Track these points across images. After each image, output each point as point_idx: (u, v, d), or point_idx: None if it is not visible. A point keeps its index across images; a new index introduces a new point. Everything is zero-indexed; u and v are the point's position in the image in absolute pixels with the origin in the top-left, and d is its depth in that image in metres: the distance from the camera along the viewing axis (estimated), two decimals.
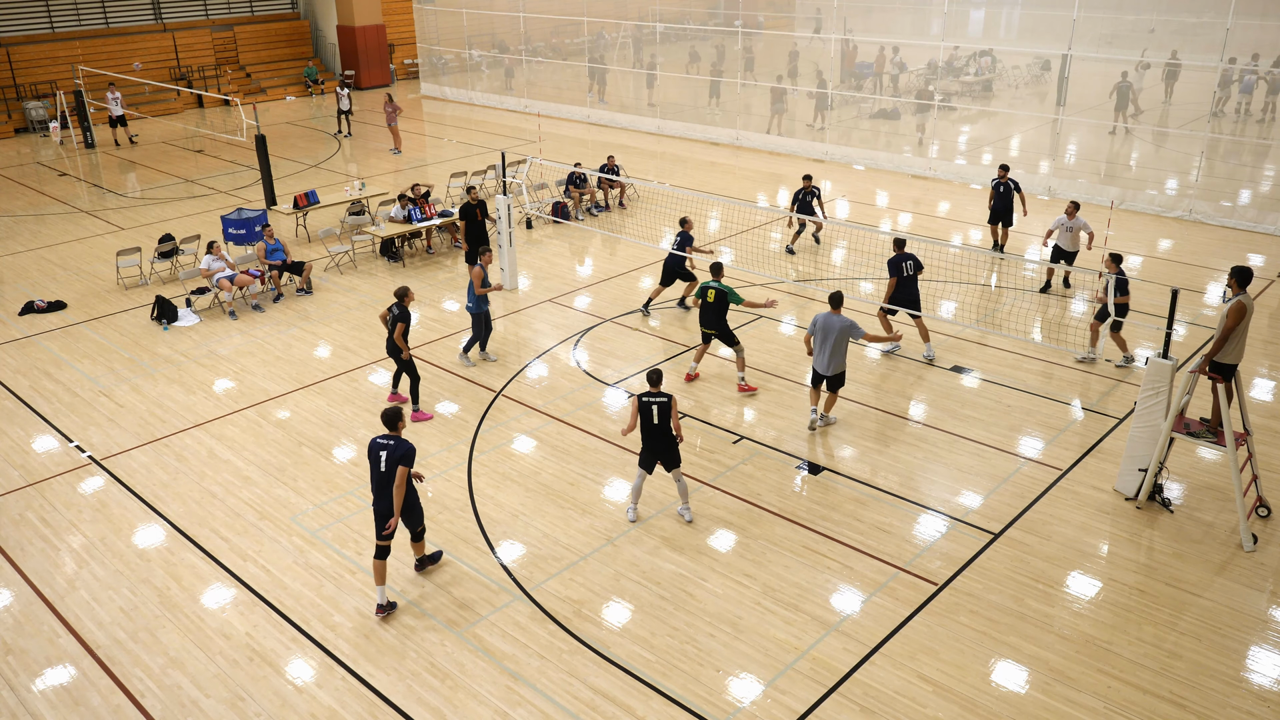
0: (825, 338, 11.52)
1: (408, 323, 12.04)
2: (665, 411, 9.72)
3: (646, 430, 9.82)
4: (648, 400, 9.77)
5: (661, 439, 9.83)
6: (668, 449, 9.90)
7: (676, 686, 8.12)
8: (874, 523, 10.24)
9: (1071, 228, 15.25)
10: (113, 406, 12.96)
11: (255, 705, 8.00)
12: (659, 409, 9.72)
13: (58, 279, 17.62)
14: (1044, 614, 8.90)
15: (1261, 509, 10.29)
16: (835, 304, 11.59)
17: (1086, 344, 13.89)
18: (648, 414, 9.76)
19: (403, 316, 12.00)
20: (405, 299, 12.02)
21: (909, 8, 36.57)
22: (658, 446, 9.88)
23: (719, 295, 12.73)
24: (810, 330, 11.72)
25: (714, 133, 28.25)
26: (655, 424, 9.75)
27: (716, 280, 12.90)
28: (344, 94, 28.46)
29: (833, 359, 11.57)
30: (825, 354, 11.57)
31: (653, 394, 9.80)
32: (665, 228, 20.08)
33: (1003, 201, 17.12)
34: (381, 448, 8.70)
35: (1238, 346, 10.00)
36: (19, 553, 9.99)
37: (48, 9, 31.48)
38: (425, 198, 18.56)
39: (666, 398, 9.76)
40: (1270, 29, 28.52)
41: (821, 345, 11.58)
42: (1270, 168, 23.84)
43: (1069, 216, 15.23)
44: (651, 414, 9.74)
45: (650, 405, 9.74)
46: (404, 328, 11.97)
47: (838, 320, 11.49)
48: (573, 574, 9.50)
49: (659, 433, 9.79)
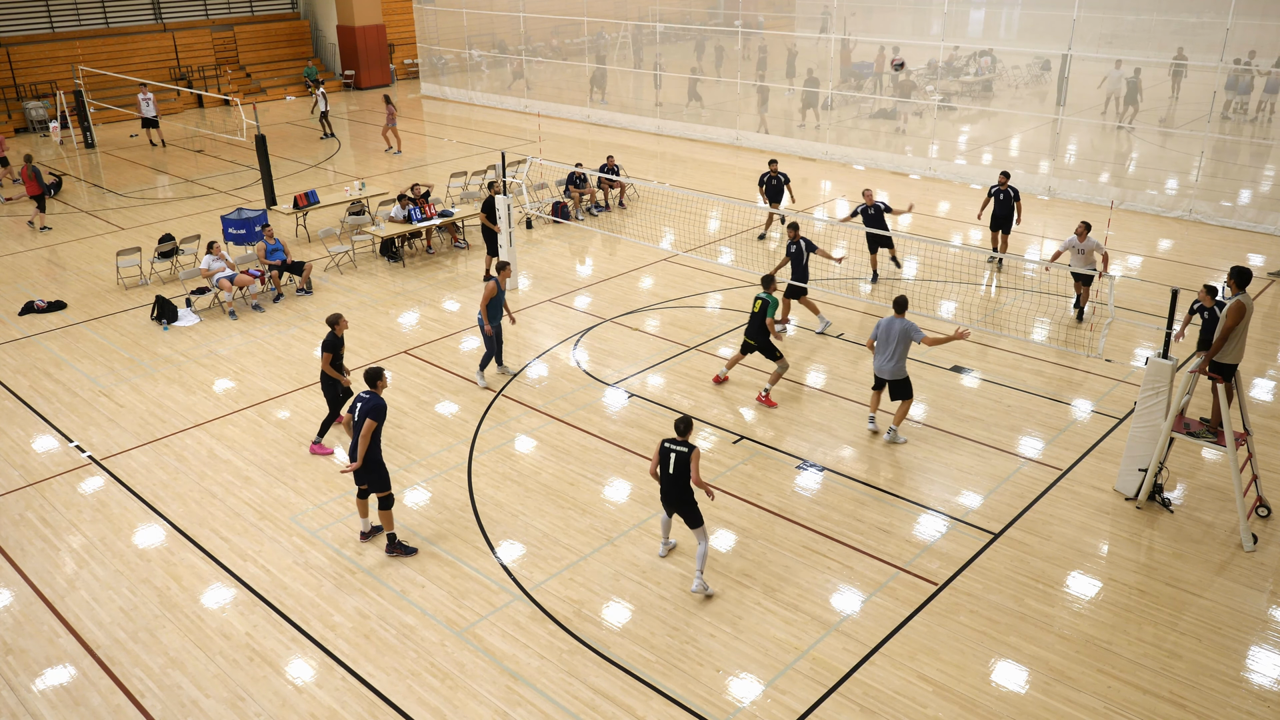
0: (887, 342, 11.37)
1: (336, 352, 11.29)
2: (683, 463, 8.92)
3: (664, 477, 9.10)
4: (668, 447, 9.02)
5: (677, 490, 9.05)
6: (683, 504, 9.08)
7: (676, 686, 8.12)
8: (874, 523, 10.24)
9: (1084, 249, 14.36)
10: (113, 406, 12.96)
11: (255, 705, 8.00)
12: (676, 459, 8.95)
13: (58, 279, 17.62)
14: (1044, 614, 8.90)
15: (1261, 509, 10.29)
16: (899, 309, 11.37)
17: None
18: (665, 460, 9.03)
19: (328, 345, 11.24)
20: (336, 326, 11.26)
21: (909, 8, 36.56)
22: (673, 497, 9.11)
23: (764, 306, 12.35)
24: (874, 335, 11.53)
25: (714, 133, 28.25)
26: (671, 474, 9.00)
27: (766, 291, 12.48)
28: (320, 94, 28.03)
29: (892, 362, 11.39)
30: (885, 356, 11.42)
31: (675, 441, 9.02)
32: (665, 228, 20.09)
33: (1003, 209, 16.97)
34: (359, 400, 9.45)
35: (1237, 346, 10.01)
36: (19, 553, 9.99)
37: (48, 9, 31.48)
38: (425, 198, 18.56)
39: (688, 448, 8.94)
40: (1270, 29, 28.51)
41: (883, 348, 11.42)
42: (1270, 168, 23.84)
43: (1080, 238, 14.31)
44: (669, 462, 8.99)
45: (669, 452, 9.00)
46: (330, 357, 11.25)
47: (899, 324, 11.28)
48: (573, 574, 9.51)
49: (674, 483, 9.03)
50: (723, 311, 15.66)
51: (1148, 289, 16.20)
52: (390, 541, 9.82)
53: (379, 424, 9.41)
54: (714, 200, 20.93)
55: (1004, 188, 16.85)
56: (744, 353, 12.90)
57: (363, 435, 9.29)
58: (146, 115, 27.72)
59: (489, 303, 12.83)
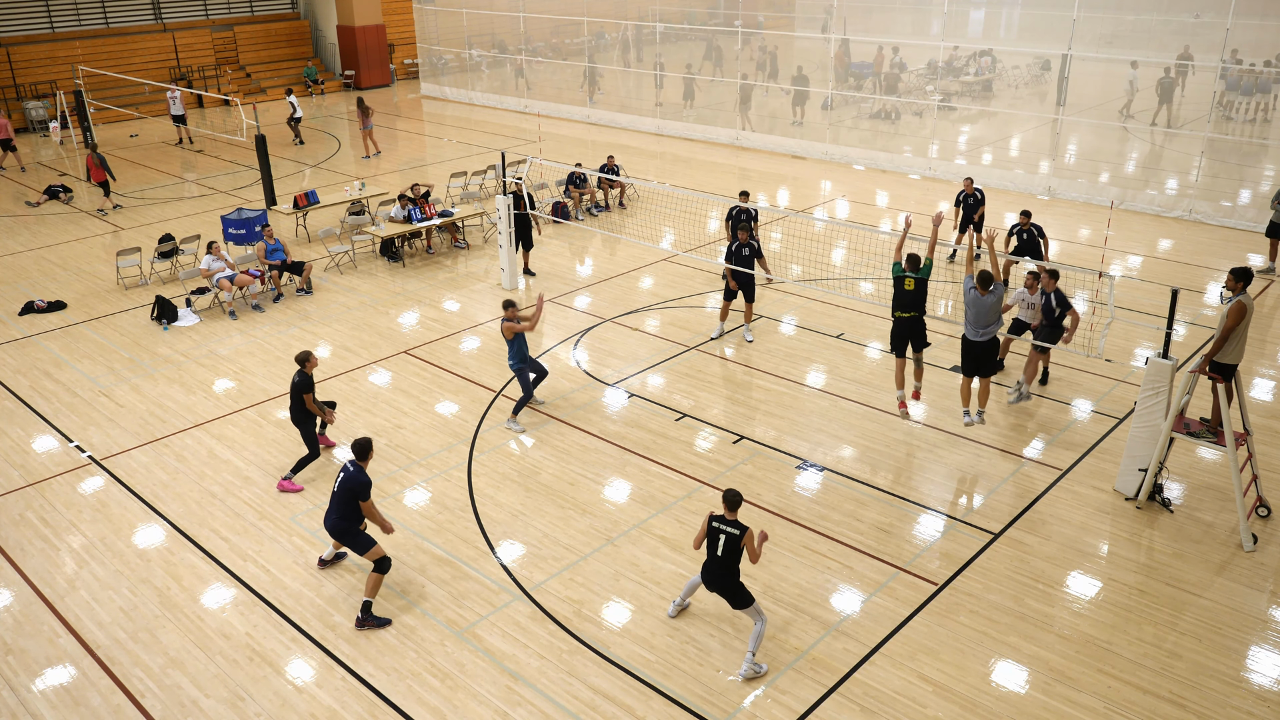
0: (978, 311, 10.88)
1: (311, 390, 10.75)
2: (733, 546, 7.98)
3: (710, 558, 8.13)
4: (716, 527, 8.06)
5: (723, 572, 8.07)
6: (728, 588, 8.11)
7: (676, 686, 8.12)
8: (874, 523, 10.24)
9: (1033, 304, 12.62)
10: (113, 406, 12.96)
11: (255, 705, 8.00)
12: (726, 541, 7.98)
13: (58, 279, 17.62)
14: (1044, 614, 8.90)
15: (1261, 509, 10.29)
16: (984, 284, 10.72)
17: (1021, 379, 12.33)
18: (713, 541, 8.06)
19: (305, 386, 10.68)
20: (307, 364, 10.68)
21: (909, 7, 36.58)
22: (717, 579, 8.14)
23: (918, 284, 11.24)
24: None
25: (714, 133, 28.25)
26: (719, 556, 8.02)
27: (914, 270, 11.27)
28: (292, 100, 27.61)
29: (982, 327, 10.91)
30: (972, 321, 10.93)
31: (724, 520, 8.06)
32: (665, 228, 20.09)
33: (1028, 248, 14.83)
34: (343, 469, 8.87)
35: (1238, 346, 10.01)
36: (19, 553, 9.99)
37: (48, 9, 31.47)
38: (425, 198, 18.56)
39: (739, 530, 7.96)
40: (1270, 29, 28.51)
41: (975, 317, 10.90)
42: (1270, 168, 23.84)
43: (1030, 290, 12.59)
44: (717, 544, 8.03)
45: (718, 533, 8.03)
46: (310, 398, 10.75)
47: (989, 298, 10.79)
48: (573, 574, 9.50)
49: (722, 565, 8.06)
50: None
51: (1148, 289, 16.20)
52: (363, 611, 8.87)
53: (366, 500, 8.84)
54: (714, 200, 20.93)
55: (1026, 227, 14.76)
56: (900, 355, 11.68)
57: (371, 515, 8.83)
58: (175, 113, 27.69)
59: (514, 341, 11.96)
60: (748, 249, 14.00)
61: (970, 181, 16.90)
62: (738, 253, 13.97)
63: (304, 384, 10.69)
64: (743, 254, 13.96)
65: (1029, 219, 14.80)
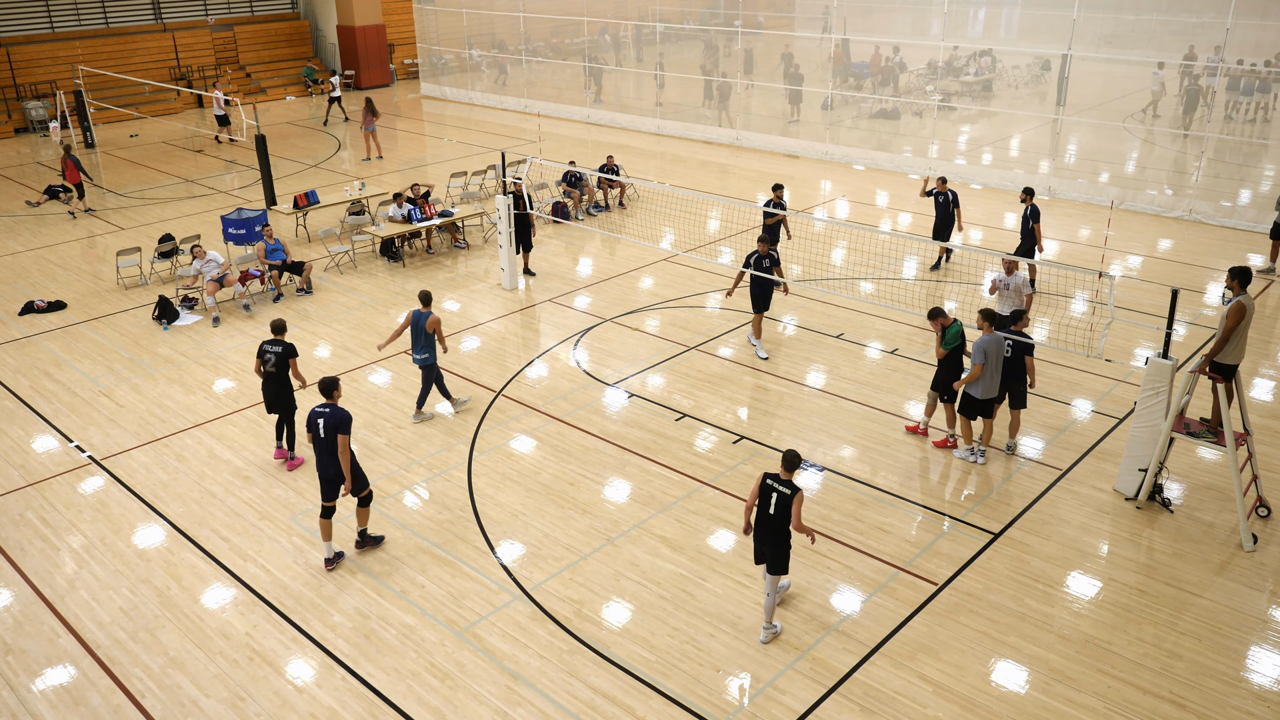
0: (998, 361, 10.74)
1: (297, 355, 11.14)
2: (784, 505, 8.08)
3: (760, 517, 8.29)
4: (770, 484, 8.17)
5: (772, 532, 8.22)
6: (776, 546, 8.26)
7: (676, 686, 8.12)
8: (874, 523, 10.24)
9: (1010, 285, 12.95)
10: (113, 406, 12.96)
11: (255, 705, 8.00)
12: (778, 500, 8.10)
13: (58, 279, 17.62)
14: (1044, 614, 8.90)
15: (1261, 509, 10.29)
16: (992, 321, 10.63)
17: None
18: (765, 499, 8.18)
19: (290, 351, 10.99)
20: (283, 332, 11.14)
21: (909, 8, 36.60)
22: (767, 539, 8.28)
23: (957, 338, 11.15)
24: (980, 359, 10.64)
25: (714, 133, 28.25)
26: (770, 514, 8.18)
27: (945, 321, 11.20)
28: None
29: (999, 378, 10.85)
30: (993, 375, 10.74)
31: (778, 479, 8.16)
32: (665, 228, 20.09)
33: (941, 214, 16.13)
34: (319, 415, 9.23)
35: (1238, 347, 10.01)
36: (19, 553, 9.99)
37: (48, 9, 31.48)
38: (425, 198, 18.56)
39: (791, 490, 8.06)
40: (1270, 29, 28.53)
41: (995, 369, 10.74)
42: (1270, 168, 23.85)
43: (1007, 272, 12.87)
44: (769, 501, 8.16)
45: (771, 490, 8.15)
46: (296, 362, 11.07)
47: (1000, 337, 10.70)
48: (573, 574, 9.50)
49: (772, 524, 8.20)
50: (722, 311, 15.66)
51: (1148, 289, 16.20)
52: (361, 537, 9.76)
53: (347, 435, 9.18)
54: (714, 200, 20.93)
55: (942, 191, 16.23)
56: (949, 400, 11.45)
57: (341, 452, 9.17)
58: (218, 113, 27.65)
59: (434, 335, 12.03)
60: (767, 259, 13.49)
61: (943, 180, 16.43)
62: (757, 263, 13.46)
63: (288, 350, 10.99)
64: (762, 264, 13.45)
65: (945, 183, 16.38)
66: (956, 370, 11.24)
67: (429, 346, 12.03)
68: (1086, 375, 13.37)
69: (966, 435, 11.33)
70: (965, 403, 11.10)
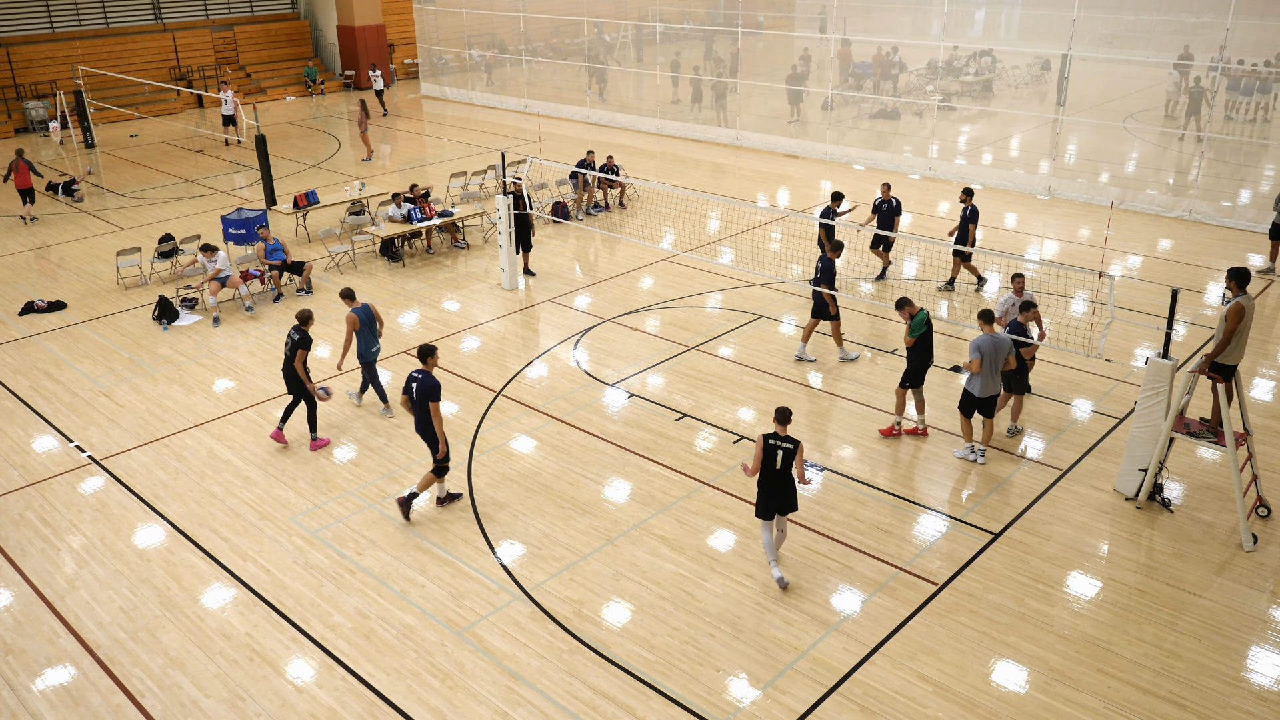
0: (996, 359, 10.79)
1: (308, 349, 11.28)
2: (790, 458, 8.90)
3: (768, 475, 8.99)
4: (774, 443, 8.91)
5: (783, 484, 9.00)
6: (787, 494, 9.06)
7: (676, 686, 8.12)
8: (874, 523, 10.24)
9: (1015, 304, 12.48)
10: (113, 406, 12.96)
11: (255, 705, 8.00)
12: (784, 455, 8.89)
13: (58, 279, 17.62)
14: (1044, 614, 8.90)
15: (1261, 509, 10.29)
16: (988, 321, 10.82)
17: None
18: (771, 458, 8.92)
19: (304, 343, 11.21)
20: (307, 324, 11.35)
21: (909, 7, 36.61)
22: (781, 491, 9.02)
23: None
24: (975, 355, 10.72)
25: (714, 133, 28.25)
26: (778, 470, 8.94)
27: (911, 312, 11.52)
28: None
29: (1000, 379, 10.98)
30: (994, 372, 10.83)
31: (779, 437, 8.92)
32: (665, 228, 20.09)
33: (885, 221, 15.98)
34: (414, 380, 9.97)
35: (1238, 347, 10.01)
36: (19, 553, 9.99)
37: (48, 9, 31.48)
38: (425, 197, 18.57)
39: (793, 444, 8.91)
40: (1270, 29, 28.54)
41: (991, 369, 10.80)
42: (1270, 168, 23.85)
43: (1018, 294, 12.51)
44: (775, 459, 8.91)
45: (776, 449, 8.90)
46: (304, 355, 11.23)
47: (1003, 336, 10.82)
48: (573, 574, 9.51)
49: (782, 478, 8.97)
50: (723, 311, 15.67)
51: (1148, 289, 16.20)
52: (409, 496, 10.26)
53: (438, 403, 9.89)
54: (714, 200, 20.93)
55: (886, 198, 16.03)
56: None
57: (435, 418, 9.85)
58: (225, 113, 27.61)
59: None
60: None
61: (887, 187, 16.18)
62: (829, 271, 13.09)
63: (300, 341, 11.24)
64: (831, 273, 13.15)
65: (889, 190, 16.25)
66: (923, 359, 11.61)
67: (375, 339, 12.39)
68: (1086, 375, 13.37)
69: (966, 434, 11.35)
70: (964, 400, 11.13)
